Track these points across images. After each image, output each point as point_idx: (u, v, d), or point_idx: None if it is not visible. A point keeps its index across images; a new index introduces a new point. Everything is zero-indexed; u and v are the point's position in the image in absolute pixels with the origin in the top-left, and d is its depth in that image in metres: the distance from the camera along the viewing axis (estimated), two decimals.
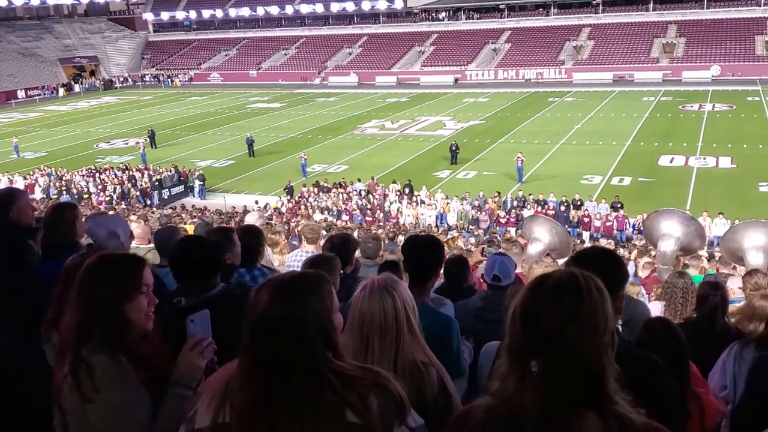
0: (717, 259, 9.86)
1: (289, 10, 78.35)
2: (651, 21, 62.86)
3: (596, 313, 1.53)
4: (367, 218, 23.39)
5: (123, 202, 26.83)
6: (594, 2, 66.72)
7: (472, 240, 16.50)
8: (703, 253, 11.56)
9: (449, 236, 16.77)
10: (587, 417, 1.50)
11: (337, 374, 1.72)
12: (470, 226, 22.24)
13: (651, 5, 64.29)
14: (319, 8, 76.58)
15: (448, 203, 23.96)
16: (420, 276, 3.26)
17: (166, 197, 28.04)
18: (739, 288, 5.54)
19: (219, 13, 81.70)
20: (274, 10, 78.68)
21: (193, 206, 25.25)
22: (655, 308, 4.99)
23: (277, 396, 1.68)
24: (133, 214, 18.21)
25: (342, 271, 4.30)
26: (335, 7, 75.67)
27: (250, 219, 7.20)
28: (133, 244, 6.42)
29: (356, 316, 2.21)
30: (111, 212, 11.37)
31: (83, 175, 30.31)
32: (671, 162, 28.82)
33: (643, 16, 63.97)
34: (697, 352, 2.91)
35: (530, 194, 23.99)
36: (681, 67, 55.06)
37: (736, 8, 60.92)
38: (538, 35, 64.96)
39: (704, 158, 28.91)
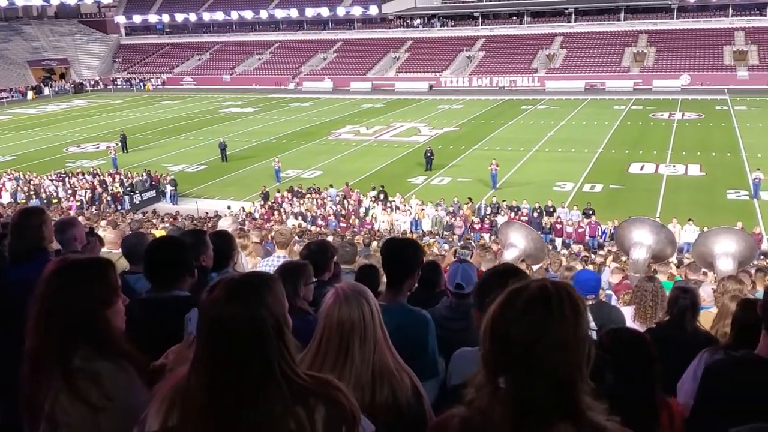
0: (686, 265, 10.01)
1: (263, 14, 78.10)
2: (622, 30, 63.85)
3: (567, 327, 1.50)
4: (342, 224, 23.34)
5: (93, 207, 26.45)
6: (566, 11, 67.59)
7: (446, 246, 16.53)
8: (673, 259, 11.74)
9: (424, 242, 16.80)
10: (560, 428, 1.48)
11: (289, 380, 1.72)
12: (445, 232, 22.32)
13: (622, 15, 65.32)
14: (294, 13, 76.45)
15: (422, 209, 24.01)
16: (396, 277, 3.26)
17: (137, 202, 27.69)
18: (712, 289, 5.63)
19: (192, 17, 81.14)
20: (248, 14, 78.37)
21: (154, 211, 24.98)
22: (626, 313, 5.04)
23: (232, 396, 1.67)
24: (103, 220, 17.94)
25: (317, 279, 4.28)
26: (310, 13, 75.62)
27: (224, 224, 7.14)
28: (104, 250, 6.32)
29: (333, 324, 2.18)
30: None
31: (52, 180, 29.82)
32: (642, 169, 29.25)
33: (614, 25, 64.95)
34: (667, 355, 2.94)
35: (504, 201, 24.16)
36: (651, 76, 56.00)
37: (705, 19, 62.17)
38: (512, 43, 65.61)
39: (674, 166, 29.39)
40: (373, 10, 73.53)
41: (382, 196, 25.45)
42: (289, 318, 1.83)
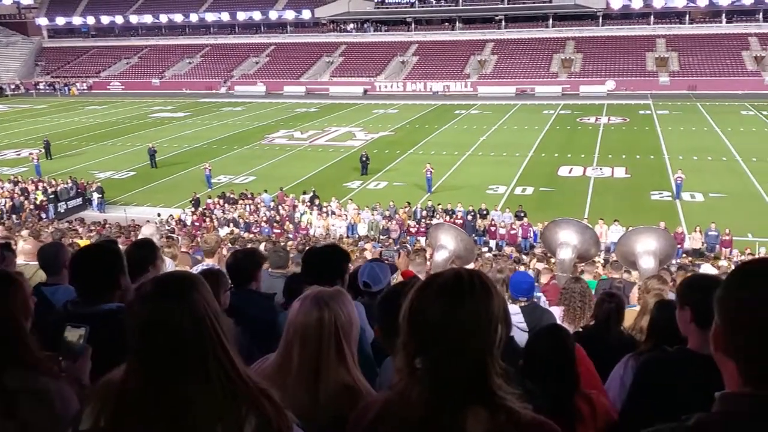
0: (609, 263, 10.30)
1: (193, 18, 76.68)
2: (550, 37, 65.60)
3: (479, 310, 1.57)
4: (276, 230, 23.06)
5: (14, 216, 25.29)
6: (497, 18, 68.96)
7: (384, 249, 16.52)
8: (599, 259, 12.09)
9: (359, 247, 16.76)
10: (474, 411, 1.55)
11: (227, 381, 1.68)
12: (381, 237, 22.34)
13: (550, 22, 67.12)
14: (225, 17, 75.37)
15: (359, 214, 23.97)
16: (317, 283, 3.20)
17: (62, 210, 26.64)
18: (638, 287, 5.77)
19: (119, 20, 78.93)
20: (178, 17, 76.80)
21: (82, 220, 24.11)
22: (555, 314, 5.10)
23: (166, 397, 1.64)
24: (26, 229, 17.16)
25: (245, 288, 4.19)
26: (241, 16, 74.69)
27: (146, 232, 6.90)
28: (21, 261, 6.01)
29: (286, 325, 2.16)
30: None
31: None
32: (570, 172, 30.04)
33: (542, 32, 66.66)
34: (593, 358, 2.96)
35: (439, 204, 24.36)
36: (578, 82, 57.69)
37: (629, 26, 64.61)
38: (445, 49, 66.45)
39: (600, 168, 30.31)
40: (306, 15, 73.25)
41: (316, 201, 25.29)
42: (226, 318, 1.78)
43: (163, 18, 77.14)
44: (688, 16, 63.84)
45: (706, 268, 14.18)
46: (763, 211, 23.17)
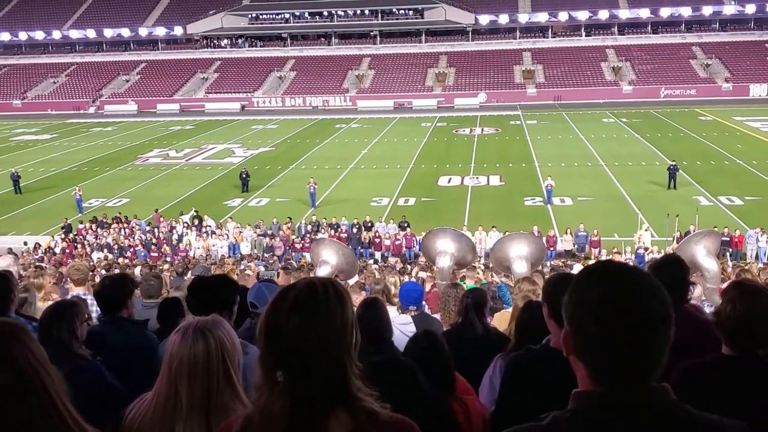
0: (490, 268, 10.65)
1: (56, 35, 72.64)
2: (424, 52, 67.51)
3: (334, 319, 1.59)
4: (153, 254, 22.12)
5: None
6: (372, 33, 70.16)
7: (262, 269, 16.23)
8: (479, 264, 12.47)
9: (242, 267, 16.39)
10: (336, 416, 1.57)
11: None
12: (265, 255, 21.98)
13: (423, 37, 69.09)
14: (91, 33, 71.96)
15: (240, 232, 23.48)
16: (203, 314, 3.08)
17: None
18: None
19: None
20: (39, 35, 72.46)
21: None
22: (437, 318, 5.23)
23: None
24: None
25: (116, 316, 3.99)
26: (109, 33, 71.61)
27: (2, 263, 6.42)
28: None
29: (166, 361, 2.04)
30: None
31: None
32: (449, 182, 30.96)
33: (416, 47, 68.50)
34: (461, 353, 3.05)
35: (324, 218, 24.33)
36: (453, 95, 59.69)
37: (497, 41, 67.73)
38: (322, 64, 66.76)
39: (477, 177, 31.44)
40: (178, 31, 71.37)
41: (196, 222, 24.53)
42: (52, 368, 1.67)
43: (22, 35, 72.55)
44: (551, 30, 67.85)
45: (578, 269, 15.00)
46: (626, 212, 24.81)
